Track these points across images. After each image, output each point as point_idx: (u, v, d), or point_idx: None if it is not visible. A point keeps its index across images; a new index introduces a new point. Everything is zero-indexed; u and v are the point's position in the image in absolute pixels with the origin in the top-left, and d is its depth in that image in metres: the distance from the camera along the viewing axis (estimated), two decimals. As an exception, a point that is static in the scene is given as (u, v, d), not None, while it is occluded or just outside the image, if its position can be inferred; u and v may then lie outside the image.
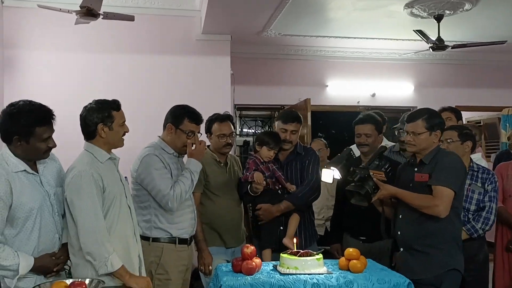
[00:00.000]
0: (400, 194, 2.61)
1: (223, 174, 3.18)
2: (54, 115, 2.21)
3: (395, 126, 3.57)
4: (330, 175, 2.95)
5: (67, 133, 2.41)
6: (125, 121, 2.47)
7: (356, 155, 3.35)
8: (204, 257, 3.01)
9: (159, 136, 2.88)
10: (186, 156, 2.90)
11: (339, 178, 2.93)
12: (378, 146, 3.29)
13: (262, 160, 3.08)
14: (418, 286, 2.49)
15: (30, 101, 2.18)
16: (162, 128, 2.89)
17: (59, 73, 4.65)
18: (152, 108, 4.25)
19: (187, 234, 2.84)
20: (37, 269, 2.16)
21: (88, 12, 3.55)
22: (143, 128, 3.28)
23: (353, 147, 3.70)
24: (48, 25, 4.56)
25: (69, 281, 2.09)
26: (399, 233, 2.70)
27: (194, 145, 2.82)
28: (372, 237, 3.12)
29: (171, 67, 4.80)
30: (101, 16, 3.67)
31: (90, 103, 2.43)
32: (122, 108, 2.46)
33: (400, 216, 2.69)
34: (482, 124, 7.29)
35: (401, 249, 2.70)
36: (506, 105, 6.68)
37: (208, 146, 3.22)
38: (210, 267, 2.99)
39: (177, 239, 2.78)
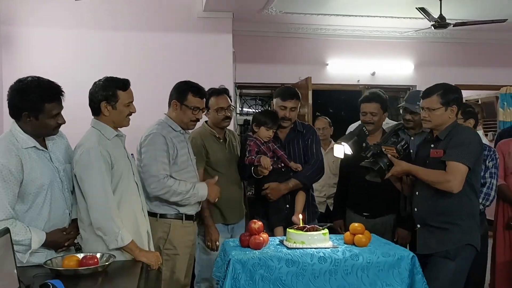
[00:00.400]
0: (414, 170, 2.59)
1: (223, 150, 3.19)
2: (63, 91, 2.21)
3: (399, 105, 3.60)
4: (341, 150, 2.92)
5: (67, 109, 2.40)
6: (132, 101, 2.47)
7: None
8: (211, 233, 3.05)
9: (165, 114, 2.88)
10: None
11: (350, 153, 2.92)
12: (382, 124, 3.32)
13: (262, 141, 3.06)
14: (434, 258, 2.58)
15: (39, 77, 2.18)
16: (167, 105, 2.88)
17: (58, 49, 4.61)
18: (153, 86, 4.25)
19: (194, 211, 2.87)
20: (48, 244, 2.19)
21: (90, -11, 3.50)
22: (144, 106, 3.22)
23: (354, 125, 3.74)
24: (46, 1, 4.51)
25: (80, 255, 2.15)
26: (415, 209, 2.70)
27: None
28: (375, 213, 3.18)
29: (173, 45, 4.77)
30: (102, -7, 3.63)
31: (100, 80, 2.43)
32: None
33: (417, 193, 2.69)
34: (480, 102, 7.32)
35: (418, 226, 2.71)
36: (504, 83, 6.70)
37: (206, 121, 3.24)
38: (217, 243, 3.04)
39: (183, 215, 2.81)
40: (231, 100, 3.28)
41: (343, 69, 6.37)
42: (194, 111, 2.80)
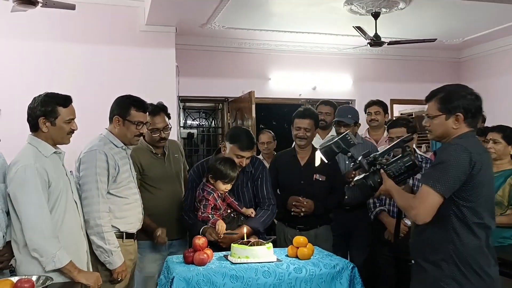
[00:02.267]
0: (393, 192, 2.15)
1: (161, 165, 3.13)
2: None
3: (334, 119, 3.77)
4: (318, 157, 2.62)
5: (5, 126, 2.30)
6: (73, 118, 2.40)
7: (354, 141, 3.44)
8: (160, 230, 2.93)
9: (106, 129, 2.77)
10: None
11: (325, 161, 2.60)
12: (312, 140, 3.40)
13: (219, 194, 2.87)
14: None
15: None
16: (108, 120, 2.80)
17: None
18: (94, 100, 4.13)
19: (134, 229, 2.78)
20: None
21: (26, 0, 3.37)
22: (84, 120, 3.12)
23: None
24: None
25: (15, 279, 2.05)
26: (410, 241, 2.25)
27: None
28: (308, 225, 3.24)
29: (115, 58, 4.68)
30: (40, 4, 3.51)
31: (40, 95, 2.34)
32: None
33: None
34: (414, 116, 7.72)
35: (412, 261, 2.22)
36: (436, 98, 7.11)
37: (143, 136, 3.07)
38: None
39: (124, 233, 2.71)
40: (169, 117, 3.16)
41: (285, 83, 6.52)
42: (138, 126, 2.71)
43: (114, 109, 2.75)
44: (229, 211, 2.93)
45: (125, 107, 2.71)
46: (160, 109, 3.09)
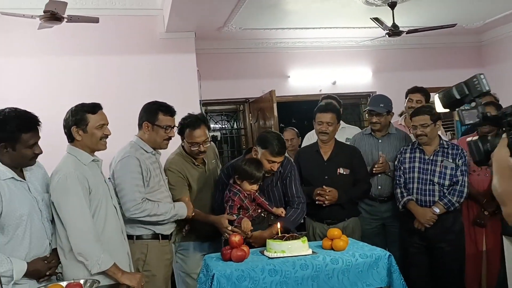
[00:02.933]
0: (499, 168, 1.43)
1: (203, 174, 3.13)
2: (39, 121, 2.22)
3: (365, 109, 3.76)
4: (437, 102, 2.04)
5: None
6: (105, 123, 2.49)
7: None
8: (221, 222, 2.85)
9: (136, 135, 2.86)
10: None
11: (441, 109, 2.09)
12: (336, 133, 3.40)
13: (246, 195, 2.88)
14: None
15: (16, 108, 2.19)
16: (135, 127, 2.87)
17: (24, 78, 4.53)
18: (120, 110, 4.21)
19: (169, 230, 2.88)
20: (30, 274, 2.17)
21: (52, 16, 3.50)
22: (113, 130, 3.19)
23: (311, 133, 3.84)
24: (10, 31, 4.44)
25: (64, 283, 2.13)
26: None
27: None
28: (336, 219, 3.26)
29: (137, 67, 4.78)
30: (65, 20, 3.63)
31: (72, 107, 2.45)
32: None
33: None
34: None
35: None
36: (457, 85, 7.02)
37: (182, 145, 3.11)
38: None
39: (160, 235, 2.82)
40: (209, 129, 3.09)
41: (304, 80, 6.52)
42: (166, 130, 2.81)
43: (143, 116, 2.85)
44: (259, 211, 2.94)
45: (153, 112, 2.81)
46: (201, 122, 2.99)
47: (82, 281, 2.17)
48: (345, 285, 2.47)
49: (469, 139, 1.59)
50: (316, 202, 3.18)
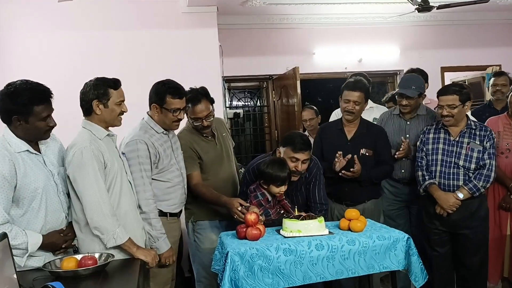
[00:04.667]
0: None
1: (213, 147, 3.11)
2: (52, 93, 2.21)
3: (396, 91, 3.61)
4: None
5: (59, 112, 2.40)
6: (123, 100, 2.47)
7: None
8: (232, 203, 2.77)
9: (147, 113, 2.82)
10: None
11: None
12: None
13: (269, 199, 2.80)
14: None
15: (27, 80, 2.18)
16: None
17: (43, 52, 4.54)
18: (141, 85, 4.18)
19: (178, 209, 2.87)
20: (45, 246, 2.20)
21: (73, -10, 3.47)
22: (132, 105, 3.18)
23: (338, 110, 3.73)
24: (29, 4, 4.45)
25: (79, 257, 2.16)
26: None
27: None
28: (355, 200, 3.18)
29: (158, 42, 4.71)
30: (86, -7, 3.59)
31: (91, 80, 2.43)
32: None
33: None
34: (467, 83, 7.38)
35: None
36: (490, 63, 6.75)
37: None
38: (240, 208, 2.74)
39: (168, 213, 2.81)
40: (212, 102, 3.03)
41: (330, 57, 6.37)
42: (175, 112, 2.74)
43: (152, 97, 2.79)
44: (282, 212, 2.86)
45: (161, 95, 2.74)
46: (202, 96, 2.95)
47: (97, 255, 2.19)
48: (361, 267, 2.43)
49: None
50: (340, 174, 3.05)
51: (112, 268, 2.18)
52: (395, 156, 3.31)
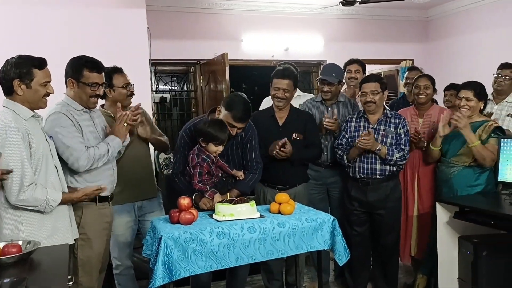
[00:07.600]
0: None
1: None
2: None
3: (318, 78, 3.78)
4: None
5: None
6: (49, 81, 2.36)
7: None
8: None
9: (64, 93, 2.68)
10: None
11: None
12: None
13: (214, 160, 2.87)
14: None
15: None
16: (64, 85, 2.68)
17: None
18: (63, 65, 4.01)
19: (108, 192, 2.73)
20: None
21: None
22: (55, 86, 3.01)
23: (269, 98, 3.84)
24: None
25: (1, 245, 2.05)
26: None
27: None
28: (288, 184, 3.31)
29: (84, 21, 4.48)
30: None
31: (13, 57, 2.28)
32: None
33: None
34: (382, 76, 7.84)
35: None
36: (404, 58, 7.24)
37: (102, 105, 3.09)
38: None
39: (97, 197, 2.66)
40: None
41: (257, 45, 6.45)
42: (93, 87, 2.61)
43: (68, 72, 2.65)
44: (220, 174, 2.94)
45: (77, 68, 2.61)
46: (120, 69, 3.11)
47: (20, 242, 2.09)
48: (290, 248, 2.55)
49: None
50: (273, 153, 3.15)
51: (40, 255, 2.09)
52: (324, 124, 3.46)
